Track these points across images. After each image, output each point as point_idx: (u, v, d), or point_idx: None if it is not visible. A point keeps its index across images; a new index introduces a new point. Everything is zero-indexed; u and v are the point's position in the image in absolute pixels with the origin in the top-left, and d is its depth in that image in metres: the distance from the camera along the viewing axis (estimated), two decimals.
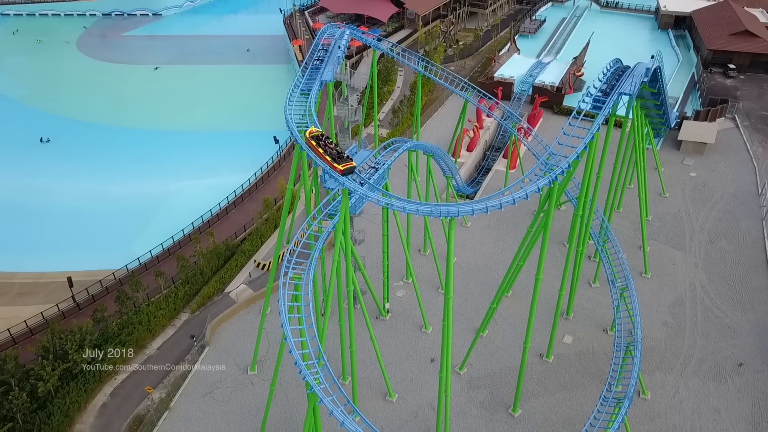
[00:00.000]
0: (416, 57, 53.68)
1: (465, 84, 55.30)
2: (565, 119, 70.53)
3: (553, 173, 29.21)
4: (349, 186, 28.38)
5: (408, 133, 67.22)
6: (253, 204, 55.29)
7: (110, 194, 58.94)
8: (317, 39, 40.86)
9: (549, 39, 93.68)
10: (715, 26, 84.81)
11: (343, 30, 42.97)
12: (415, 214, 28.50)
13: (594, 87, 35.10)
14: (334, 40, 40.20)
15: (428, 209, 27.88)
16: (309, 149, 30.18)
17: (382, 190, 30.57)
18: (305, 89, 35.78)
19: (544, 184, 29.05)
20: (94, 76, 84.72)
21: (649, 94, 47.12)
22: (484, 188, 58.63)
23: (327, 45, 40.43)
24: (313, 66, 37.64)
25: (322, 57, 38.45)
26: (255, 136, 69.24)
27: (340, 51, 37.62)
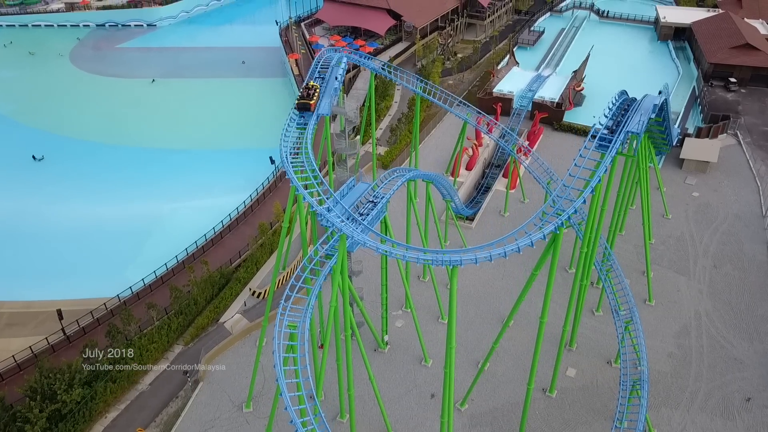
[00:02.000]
0: (414, 78, 52.63)
1: (461, 103, 54.31)
2: (565, 136, 70.57)
3: (559, 219, 27.98)
4: (345, 231, 27.29)
5: (406, 151, 66.17)
6: (248, 228, 54.14)
7: (103, 216, 57.70)
8: (314, 65, 39.76)
9: (548, 51, 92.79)
10: (716, 39, 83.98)
11: (340, 55, 41.88)
12: (416, 262, 27.38)
13: (600, 123, 33.86)
14: (330, 68, 39.09)
15: (430, 257, 26.75)
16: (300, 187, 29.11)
17: (381, 235, 29.48)
18: (301, 123, 34.64)
19: (550, 230, 27.80)
20: (87, 91, 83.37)
21: (654, 122, 46.09)
22: (483, 209, 57.59)
23: (325, 71, 39.34)
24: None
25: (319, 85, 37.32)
26: (250, 154, 68.08)
27: (337, 82, 36.48)
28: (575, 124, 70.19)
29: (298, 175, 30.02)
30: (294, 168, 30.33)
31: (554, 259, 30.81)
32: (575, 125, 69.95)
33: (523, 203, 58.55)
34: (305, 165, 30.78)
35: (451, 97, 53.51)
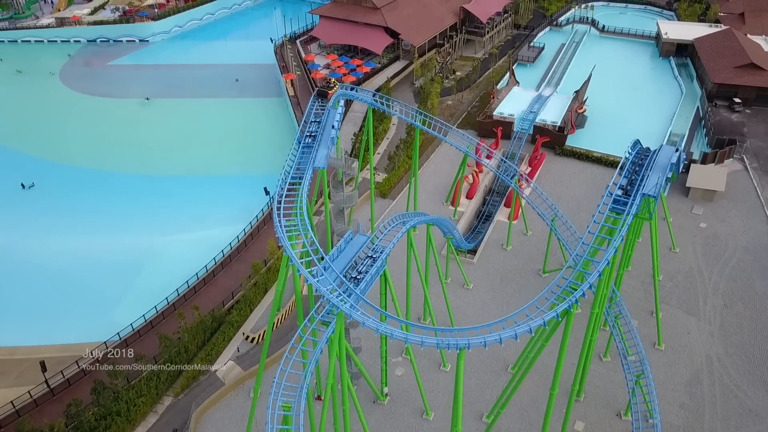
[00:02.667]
0: (413, 111, 50.92)
1: (460, 124, 52.55)
2: (568, 161, 68.77)
3: (573, 296, 26.11)
4: (344, 310, 25.37)
5: (405, 178, 64.35)
6: (241, 265, 52.20)
7: (91, 251, 55.65)
8: (310, 106, 37.88)
9: (548, 68, 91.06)
10: (719, 57, 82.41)
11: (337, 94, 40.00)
12: (419, 345, 25.46)
13: (613, 182, 32.02)
14: (327, 111, 37.22)
15: (435, 341, 24.84)
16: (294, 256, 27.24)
17: (380, 310, 27.56)
18: (296, 177, 32.75)
19: (563, 308, 25.89)
20: (77, 112, 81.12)
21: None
22: (485, 242, 55.74)
23: (321, 114, 37.52)
24: (306, 144, 34.63)
25: (314, 132, 35.47)
26: (244, 180, 66.19)
27: (334, 131, 34.60)
28: (578, 148, 68.47)
29: (292, 241, 28.08)
30: (288, 233, 28.37)
31: (566, 336, 28.74)
32: (578, 150, 68.23)
33: (526, 236, 56.76)
34: (299, 227, 28.87)
35: (450, 127, 51.81)
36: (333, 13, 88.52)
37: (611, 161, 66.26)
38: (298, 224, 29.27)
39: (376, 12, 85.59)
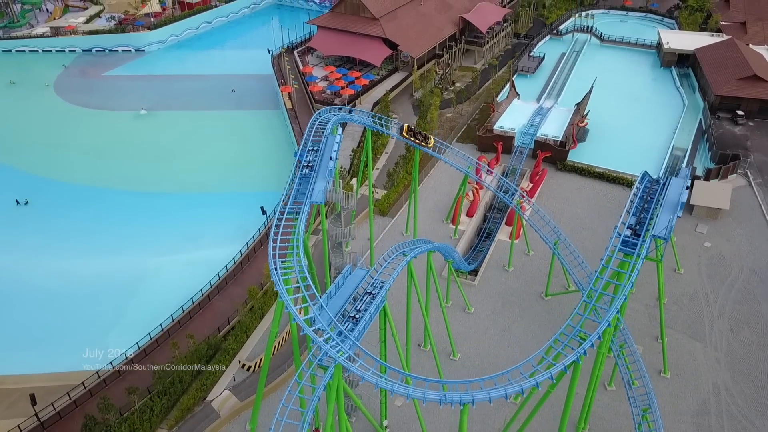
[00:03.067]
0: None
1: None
2: (569, 177, 67.66)
3: (581, 347, 25.07)
4: (341, 362, 24.28)
5: (405, 194, 63.31)
6: (237, 288, 51.11)
7: (84, 274, 54.45)
8: (307, 132, 36.79)
9: (549, 78, 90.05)
10: (722, 68, 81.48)
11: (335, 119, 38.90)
12: (422, 401, 24.37)
13: (622, 221, 30.92)
14: (324, 139, 36.12)
15: (438, 396, 23.78)
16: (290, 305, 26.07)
17: (382, 362, 26.45)
18: (292, 211, 31.66)
19: (571, 360, 24.85)
20: (71, 126, 79.82)
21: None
22: (486, 263, 54.67)
23: (318, 141, 36.44)
24: (302, 175, 33.54)
25: (311, 162, 34.38)
26: (241, 198, 65.10)
27: (332, 162, 33.51)
28: (579, 163, 67.44)
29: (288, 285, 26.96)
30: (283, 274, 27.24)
31: (572, 387, 27.64)
32: (579, 165, 67.20)
33: (528, 256, 55.73)
34: (294, 266, 27.78)
35: (449, 147, 50.81)
36: (331, 24, 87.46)
37: (613, 177, 65.30)
38: (294, 264, 28.17)
39: (375, 23, 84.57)
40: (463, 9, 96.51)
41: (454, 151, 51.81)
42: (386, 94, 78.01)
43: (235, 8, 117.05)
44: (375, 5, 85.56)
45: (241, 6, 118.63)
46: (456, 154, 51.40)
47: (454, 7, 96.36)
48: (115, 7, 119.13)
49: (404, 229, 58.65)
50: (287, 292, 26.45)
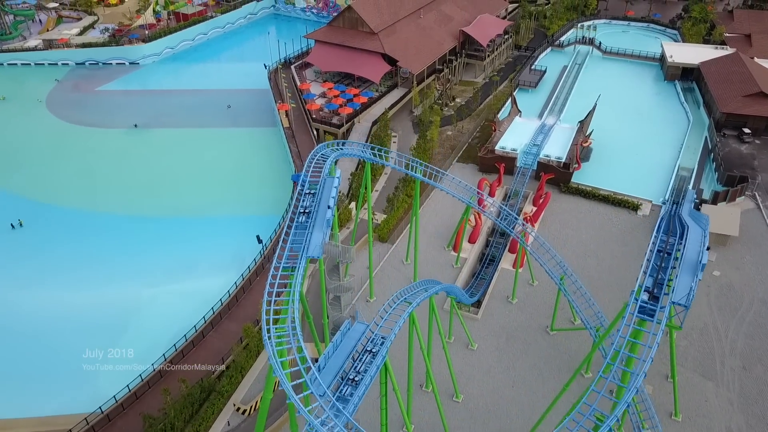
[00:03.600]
0: (416, 163, 48.27)
1: (466, 187, 49.88)
2: (573, 199, 65.97)
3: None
4: None
5: (406, 219, 61.71)
6: (231, 323, 49.37)
7: (74, 305, 52.69)
8: (303, 176, 35.02)
9: (551, 93, 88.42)
10: (727, 84, 79.95)
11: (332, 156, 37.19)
12: None
13: (638, 283, 29.15)
14: (321, 183, 34.30)
15: None
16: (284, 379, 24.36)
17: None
18: (288, 265, 29.95)
19: None
20: (63, 144, 77.98)
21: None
22: (490, 294, 52.96)
23: (316, 181, 34.73)
24: (299, 223, 31.81)
25: (308, 208, 32.62)
26: (236, 223, 63.38)
27: (330, 212, 31.78)
28: (583, 186, 65.78)
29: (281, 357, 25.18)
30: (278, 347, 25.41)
31: None
32: (584, 187, 65.55)
33: (532, 286, 54.07)
34: (288, 333, 26.04)
35: (449, 175, 49.18)
36: (329, 38, 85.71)
37: (619, 200, 63.68)
38: (288, 332, 26.43)
39: (374, 37, 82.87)
40: (463, 21, 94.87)
41: (456, 180, 50.00)
42: (385, 112, 76.34)
43: (231, 19, 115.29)
44: (373, 19, 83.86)
45: (238, 16, 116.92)
46: (458, 185, 49.63)
47: (454, 20, 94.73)
48: (109, 17, 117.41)
49: (404, 256, 56.98)
50: (282, 366, 24.71)
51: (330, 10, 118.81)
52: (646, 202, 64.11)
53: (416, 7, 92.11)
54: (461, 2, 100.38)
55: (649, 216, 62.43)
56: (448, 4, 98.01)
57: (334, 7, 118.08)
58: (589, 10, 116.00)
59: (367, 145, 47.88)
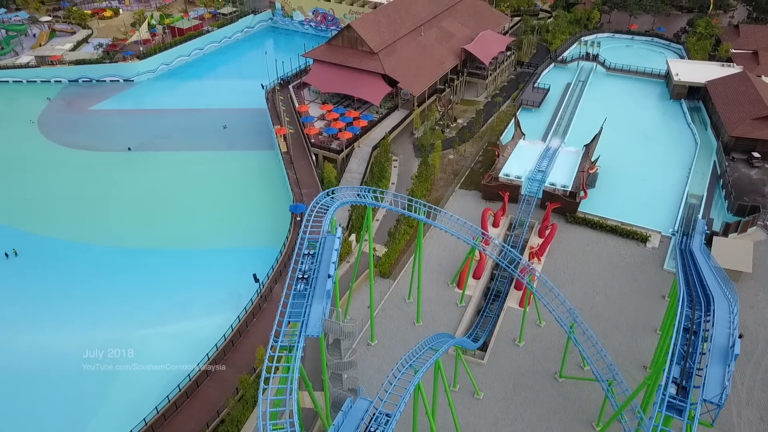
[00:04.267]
0: (419, 205, 46.33)
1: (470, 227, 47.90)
2: (580, 230, 63.85)
3: None
4: None
5: (408, 251, 59.81)
6: (228, 370, 47.26)
7: (62, 348, 50.51)
8: (302, 234, 32.94)
9: (555, 112, 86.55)
10: (735, 106, 78.12)
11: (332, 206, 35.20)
12: None
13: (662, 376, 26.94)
14: (321, 242, 32.24)
15: None
16: None
17: None
18: (286, 343, 27.88)
19: None
20: (55, 169, 75.73)
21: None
22: (496, 336, 50.94)
23: (315, 239, 32.72)
24: (297, 291, 29.73)
25: (307, 273, 30.56)
26: (233, 255, 61.36)
27: (330, 281, 29.70)
28: (590, 216, 63.82)
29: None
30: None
31: None
32: (591, 217, 63.60)
33: (539, 327, 52.10)
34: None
35: (456, 219, 47.19)
36: (327, 57, 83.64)
37: (627, 231, 61.75)
38: (287, 428, 24.43)
39: (373, 57, 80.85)
40: (464, 38, 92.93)
41: (461, 221, 47.92)
42: (386, 137, 74.31)
43: (228, 33, 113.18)
44: (373, 38, 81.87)
45: (235, 30, 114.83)
46: (464, 225, 47.62)
47: (455, 36, 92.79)
48: (104, 30, 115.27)
49: (407, 294, 54.97)
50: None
51: (328, 24, 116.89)
52: (654, 233, 62.21)
53: (417, 24, 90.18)
54: (462, 18, 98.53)
55: (658, 248, 60.54)
56: (449, 20, 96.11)
57: (333, 21, 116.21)
58: (592, 24, 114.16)
59: (366, 189, 45.88)
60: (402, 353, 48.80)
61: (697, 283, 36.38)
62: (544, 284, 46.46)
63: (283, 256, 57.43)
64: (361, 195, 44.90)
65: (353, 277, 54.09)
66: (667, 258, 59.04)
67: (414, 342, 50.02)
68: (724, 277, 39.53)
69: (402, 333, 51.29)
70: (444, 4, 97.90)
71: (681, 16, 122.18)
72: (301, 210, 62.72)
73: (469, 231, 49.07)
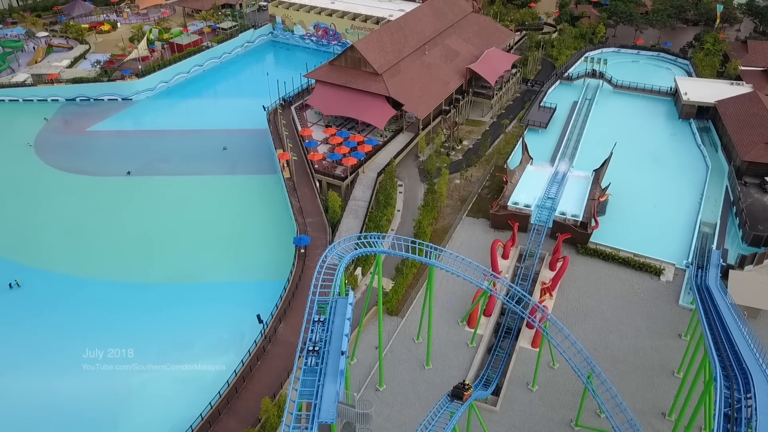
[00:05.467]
0: (428, 247, 44.72)
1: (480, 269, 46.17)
2: (592, 262, 62.18)
3: None
4: None
5: (416, 286, 58.22)
6: (231, 419, 45.53)
7: (59, 395, 48.68)
8: (311, 296, 31.13)
9: (562, 133, 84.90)
10: (747, 128, 76.62)
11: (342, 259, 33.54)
12: None
13: None
14: (331, 306, 30.50)
15: None
16: None
17: None
18: (297, 426, 26.05)
19: None
20: (52, 196, 73.56)
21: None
22: (508, 380, 49.22)
23: (325, 302, 30.99)
24: (307, 366, 27.89)
25: (318, 344, 28.70)
26: (234, 289, 59.51)
27: (343, 359, 27.83)
28: (602, 247, 62.20)
29: None
30: None
31: None
32: (602, 249, 61.99)
33: (553, 369, 50.46)
34: None
35: (470, 262, 45.49)
36: (330, 78, 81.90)
37: (640, 264, 60.16)
38: None
39: (377, 78, 79.14)
40: (469, 56, 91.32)
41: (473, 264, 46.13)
42: (391, 161, 72.65)
43: (228, 49, 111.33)
44: (377, 59, 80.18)
45: (235, 46, 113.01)
46: (476, 269, 45.88)
47: (460, 55, 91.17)
48: (101, 45, 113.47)
49: (415, 334, 53.25)
50: None
51: (330, 39, 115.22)
52: (668, 265, 60.61)
53: (421, 42, 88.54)
54: (467, 34, 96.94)
55: (672, 282, 58.96)
56: (454, 37, 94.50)
57: (334, 36, 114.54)
58: (597, 38, 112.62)
59: (376, 235, 44.26)
60: (412, 400, 47.64)
61: (726, 344, 34.81)
62: (560, 330, 44.74)
63: (287, 293, 55.72)
64: (370, 242, 43.27)
65: (362, 314, 52.38)
66: (681, 293, 57.47)
67: (424, 387, 48.82)
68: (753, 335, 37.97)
69: (412, 377, 49.62)
70: (448, 20, 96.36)
71: (687, 30, 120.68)
72: (305, 243, 61.05)
73: (480, 271, 47.34)
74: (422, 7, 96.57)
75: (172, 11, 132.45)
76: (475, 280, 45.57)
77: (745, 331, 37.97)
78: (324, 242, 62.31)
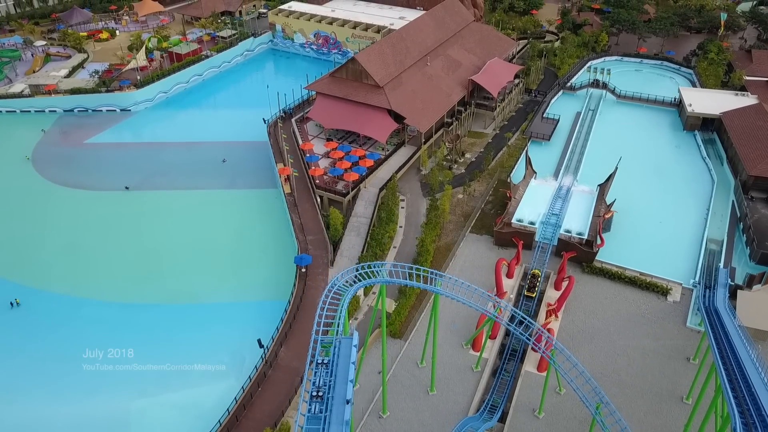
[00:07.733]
0: (431, 274, 43.80)
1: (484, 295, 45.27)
2: (598, 281, 61.13)
3: None
4: None
5: (419, 307, 57.22)
6: None
7: (54, 423, 47.81)
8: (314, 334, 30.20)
9: (565, 145, 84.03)
10: (753, 141, 75.73)
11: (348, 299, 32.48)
12: None
13: None
14: (335, 348, 29.57)
15: None
16: None
17: None
18: None
19: None
20: (49, 211, 72.43)
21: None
22: (513, 406, 48.26)
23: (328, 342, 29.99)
24: (311, 414, 26.86)
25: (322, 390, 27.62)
26: (234, 310, 58.51)
27: (348, 408, 26.74)
28: (608, 266, 61.24)
29: None
30: None
31: None
32: (608, 267, 61.04)
33: (559, 394, 49.49)
34: None
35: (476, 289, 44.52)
36: (331, 90, 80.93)
37: (647, 284, 59.22)
38: None
39: (379, 91, 78.18)
40: (471, 66, 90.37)
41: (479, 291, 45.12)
42: (393, 176, 71.70)
43: (227, 57, 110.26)
44: (378, 71, 79.22)
45: (234, 54, 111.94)
46: (481, 295, 44.92)
47: (462, 65, 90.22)
48: (100, 54, 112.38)
49: (419, 358, 52.26)
50: None
51: (330, 47, 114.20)
52: (675, 284, 59.66)
53: (422, 53, 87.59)
54: (469, 44, 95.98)
55: (680, 302, 58.00)
56: (456, 47, 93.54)
57: (335, 44, 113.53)
58: (600, 47, 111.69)
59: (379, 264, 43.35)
60: (416, 427, 46.64)
61: (741, 381, 33.93)
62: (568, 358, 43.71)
63: (287, 315, 54.75)
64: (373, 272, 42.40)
65: (366, 336, 51.36)
66: (689, 314, 56.50)
67: (429, 414, 47.86)
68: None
69: (415, 403, 48.64)
70: (450, 30, 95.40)
71: (690, 38, 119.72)
72: (306, 262, 60.05)
73: (485, 298, 46.36)
74: (424, 17, 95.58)
75: (171, 19, 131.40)
76: (480, 307, 44.67)
77: (758, 364, 37.00)
78: (325, 261, 61.38)
